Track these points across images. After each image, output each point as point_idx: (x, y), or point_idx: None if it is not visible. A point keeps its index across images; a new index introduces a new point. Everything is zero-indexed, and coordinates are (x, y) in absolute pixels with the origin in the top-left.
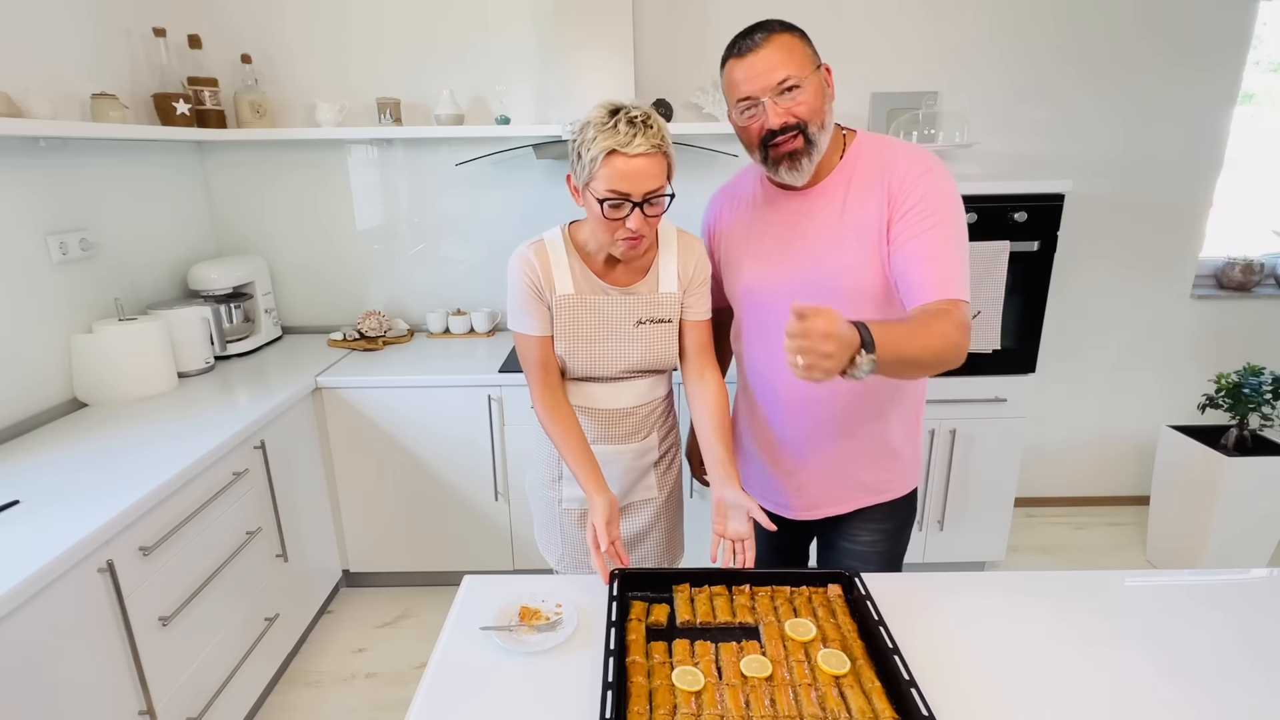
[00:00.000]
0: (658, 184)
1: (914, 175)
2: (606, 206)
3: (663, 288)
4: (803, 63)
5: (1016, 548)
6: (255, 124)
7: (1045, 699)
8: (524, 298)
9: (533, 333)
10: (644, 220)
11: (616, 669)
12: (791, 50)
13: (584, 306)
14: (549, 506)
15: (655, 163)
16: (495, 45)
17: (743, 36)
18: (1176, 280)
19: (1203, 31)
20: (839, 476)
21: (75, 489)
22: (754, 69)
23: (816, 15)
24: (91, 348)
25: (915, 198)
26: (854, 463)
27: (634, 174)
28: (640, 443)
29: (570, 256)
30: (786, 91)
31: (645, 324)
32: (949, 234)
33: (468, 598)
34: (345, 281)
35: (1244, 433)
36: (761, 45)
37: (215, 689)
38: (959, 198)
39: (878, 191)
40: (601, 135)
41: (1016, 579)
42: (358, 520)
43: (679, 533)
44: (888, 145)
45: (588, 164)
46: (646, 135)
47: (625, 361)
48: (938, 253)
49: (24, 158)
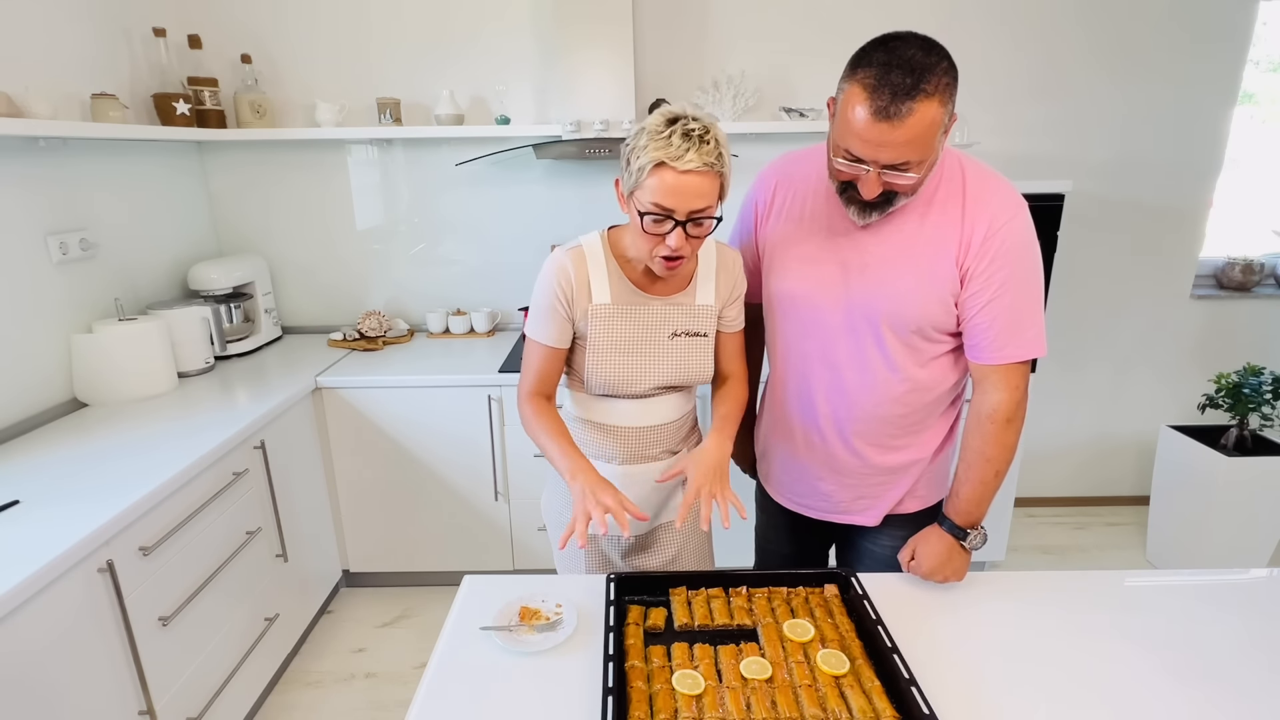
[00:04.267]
0: (705, 204)
1: (997, 225)
2: (648, 220)
3: (700, 299)
4: (931, 141)
5: (1016, 548)
6: (255, 124)
7: (1045, 698)
8: (549, 306)
9: (546, 341)
10: (685, 240)
11: (616, 674)
12: (931, 127)
13: (621, 316)
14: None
15: (706, 181)
16: (495, 45)
17: (889, 76)
18: (1176, 280)
19: (1203, 31)
20: (868, 487)
21: (75, 489)
22: (881, 138)
23: (816, 15)
24: (91, 348)
25: (991, 253)
26: (884, 475)
27: (681, 190)
28: (667, 460)
29: (609, 264)
30: (899, 171)
31: (680, 337)
32: (1020, 290)
33: (468, 598)
34: (345, 281)
35: (1244, 433)
36: (904, 117)
37: (215, 689)
38: (1036, 244)
39: (955, 228)
40: (653, 144)
41: (1016, 579)
42: (358, 520)
43: (709, 561)
44: (972, 177)
45: (635, 172)
46: (700, 151)
47: (656, 378)
48: (1006, 313)
49: (24, 158)
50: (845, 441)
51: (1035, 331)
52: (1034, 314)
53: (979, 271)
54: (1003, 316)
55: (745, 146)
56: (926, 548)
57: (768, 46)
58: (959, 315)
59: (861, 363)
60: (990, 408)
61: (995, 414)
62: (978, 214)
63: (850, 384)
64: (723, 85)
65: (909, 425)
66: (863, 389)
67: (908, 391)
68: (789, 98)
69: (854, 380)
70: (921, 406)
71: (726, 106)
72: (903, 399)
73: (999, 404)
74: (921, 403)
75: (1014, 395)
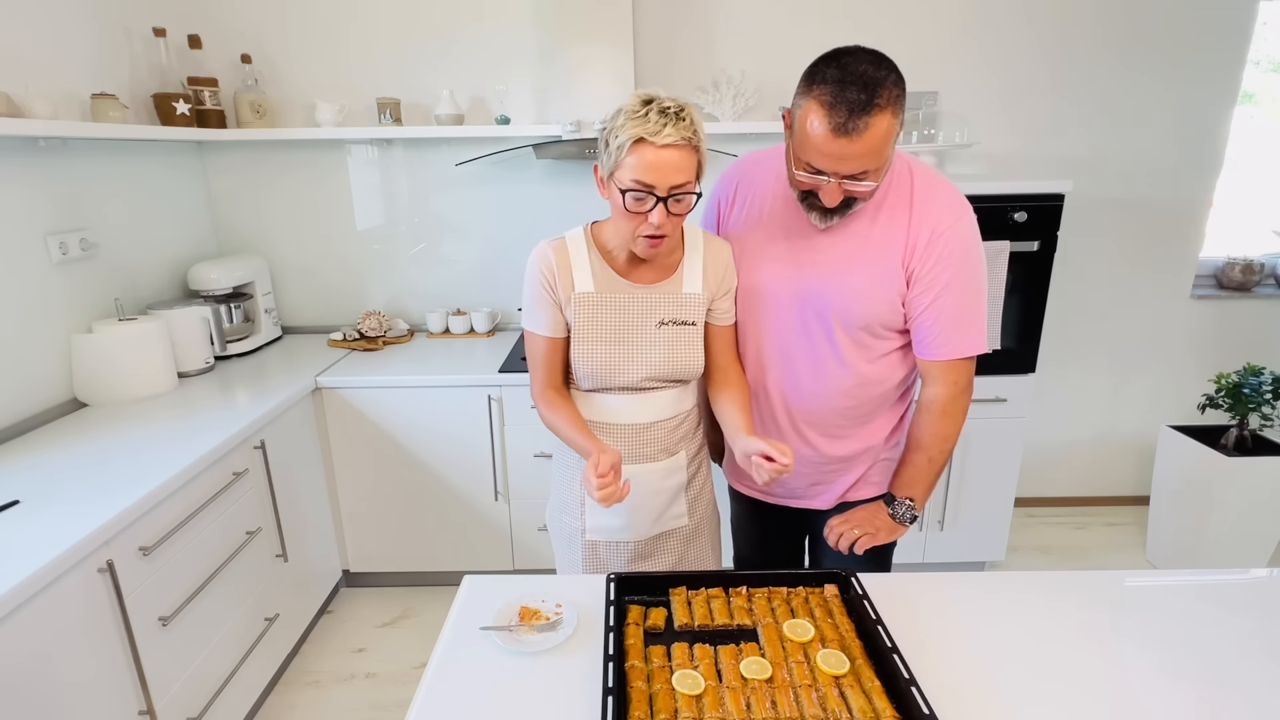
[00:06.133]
0: (684, 179)
1: (940, 228)
2: (629, 198)
3: (687, 288)
4: (885, 151)
5: (1016, 548)
6: (255, 124)
7: (1045, 698)
8: (537, 295)
9: (540, 331)
10: (667, 216)
11: (616, 674)
12: (884, 138)
13: (604, 304)
14: (571, 538)
15: (684, 156)
16: (495, 45)
17: (844, 92)
18: (1176, 280)
19: (1203, 31)
20: (821, 474)
21: (75, 489)
22: (839, 151)
23: (816, 14)
24: (91, 348)
25: (935, 256)
26: (835, 464)
27: (660, 165)
28: (666, 461)
29: (591, 254)
30: (857, 180)
31: (668, 325)
32: (963, 291)
33: (468, 598)
34: (345, 281)
35: (1244, 433)
36: (861, 132)
37: (215, 689)
38: (979, 246)
39: (902, 232)
40: (631, 122)
41: (1016, 579)
42: (358, 520)
43: (715, 566)
44: (920, 183)
45: (614, 151)
46: (678, 127)
47: (647, 366)
48: (949, 313)
49: (24, 158)
50: (797, 431)
51: (977, 329)
52: (976, 313)
53: (924, 273)
54: (945, 315)
55: (745, 146)
56: (859, 507)
57: (768, 46)
58: (905, 314)
59: (814, 357)
60: (928, 398)
61: (932, 404)
62: (923, 218)
63: (803, 376)
64: (723, 85)
65: (857, 416)
66: (814, 381)
67: (856, 385)
68: (789, 98)
69: (806, 373)
70: (869, 399)
71: (726, 106)
72: (851, 392)
73: (936, 396)
74: (869, 395)
75: (951, 390)
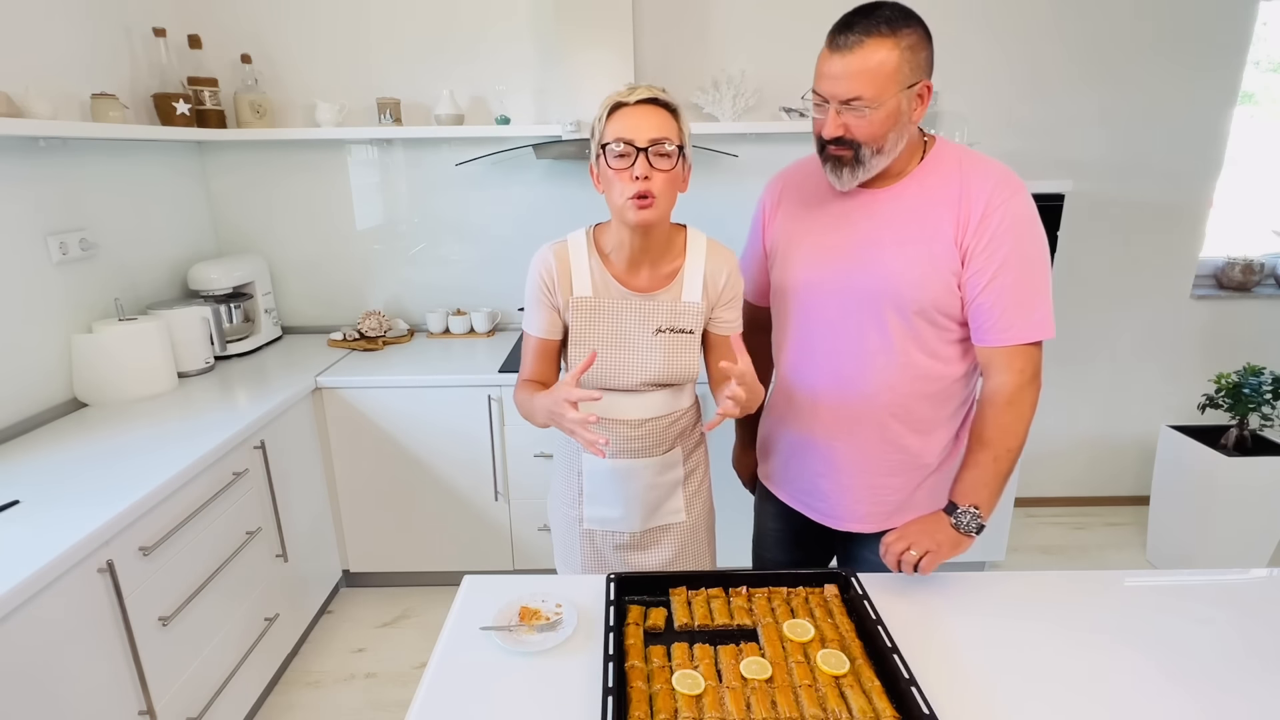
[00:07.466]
0: (662, 134)
1: (995, 203)
2: (612, 155)
3: (686, 296)
4: (884, 84)
5: (1016, 548)
6: (255, 124)
7: (1045, 698)
8: (535, 297)
9: (535, 333)
10: (650, 169)
11: (616, 674)
12: (880, 65)
13: (601, 310)
14: (570, 526)
15: (659, 113)
16: (495, 45)
17: (850, 18)
18: (1176, 280)
19: (1203, 31)
20: (865, 489)
21: (75, 489)
22: (832, 69)
23: (816, 15)
24: (91, 348)
25: (991, 230)
26: (888, 481)
27: (637, 120)
28: (662, 456)
29: (591, 258)
30: (853, 107)
31: (665, 333)
32: (1023, 269)
33: (468, 598)
34: (345, 281)
35: (1244, 433)
36: (853, 48)
37: (215, 689)
38: (1038, 223)
39: (952, 209)
40: (609, 100)
41: (1016, 579)
42: (358, 520)
43: (709, 562)
44: (968, 161)
45: (597, 129)
46: (650, 89)
47: (645, 373)
48: (1009, 292)
49: (24, 158)
50: (848, 432)
51: (1043, 312)
52: (1040, 294)
53: (979, 249)
54: (1006, 295)
55: (745, 146)
56: (914, 519)
57: (768, 46)
58: (963, 297)
59: (861, 352)
60: (991, 389)
61: (995, 395)
62: (974, 193)
63: (851, 372)
64: (723, 85)
65: (911, 421)
66: (864, 376)
67: (910, 379)
68: (789, 98)
69: (854, 368)
70: (924, 397)
71: (726, 106)
72: (903, 388)
73: (1000, 385)
74: (924, 392)
75: (1018, 379)
